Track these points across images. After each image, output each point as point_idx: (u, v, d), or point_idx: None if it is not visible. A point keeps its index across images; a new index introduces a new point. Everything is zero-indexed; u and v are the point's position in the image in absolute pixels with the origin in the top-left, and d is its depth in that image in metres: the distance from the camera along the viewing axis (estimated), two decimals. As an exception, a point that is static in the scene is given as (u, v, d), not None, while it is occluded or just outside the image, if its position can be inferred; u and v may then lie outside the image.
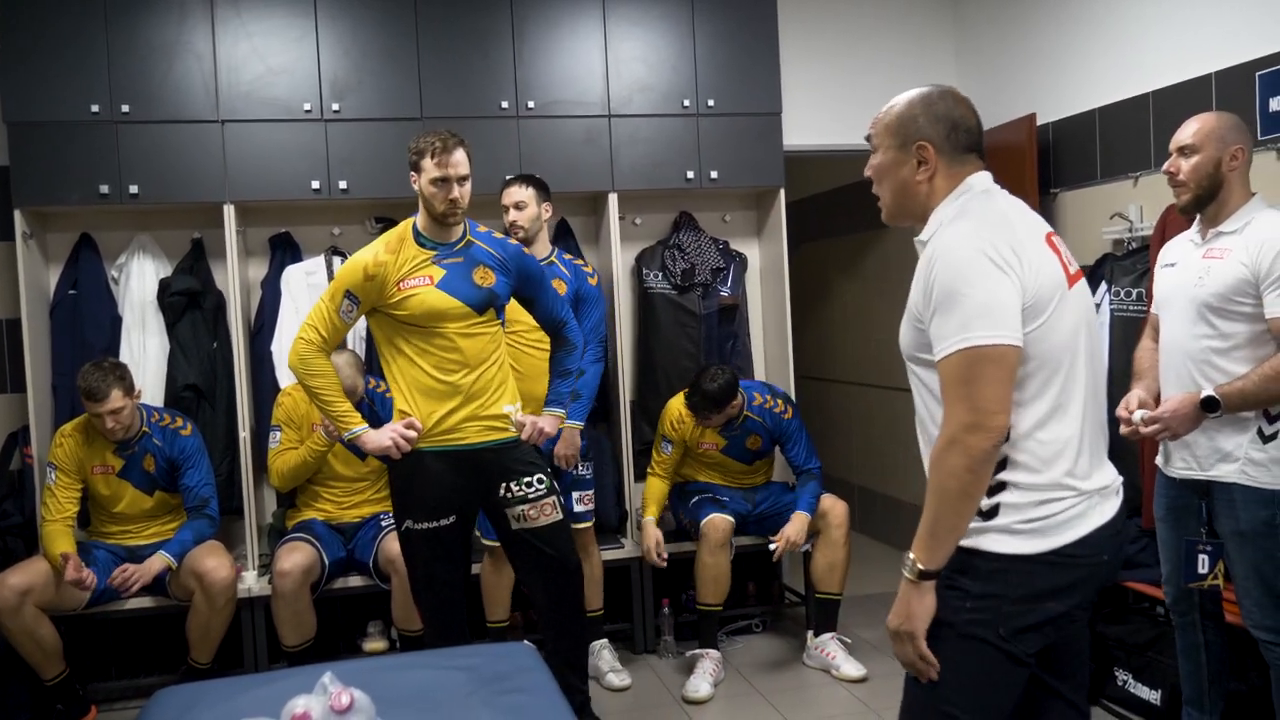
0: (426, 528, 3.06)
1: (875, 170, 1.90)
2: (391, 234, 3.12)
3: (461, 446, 3.06)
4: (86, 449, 3.69)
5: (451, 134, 3.03)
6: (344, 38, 4.09)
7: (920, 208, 1.85)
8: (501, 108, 4.20)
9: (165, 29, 3.96)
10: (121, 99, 3.92)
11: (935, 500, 1.67)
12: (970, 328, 1.64)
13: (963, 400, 1.63)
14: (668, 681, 3.93)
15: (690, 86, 4.37)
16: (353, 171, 4.10)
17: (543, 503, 3.11)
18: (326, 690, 1.75)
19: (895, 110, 1.86)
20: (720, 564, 3.92)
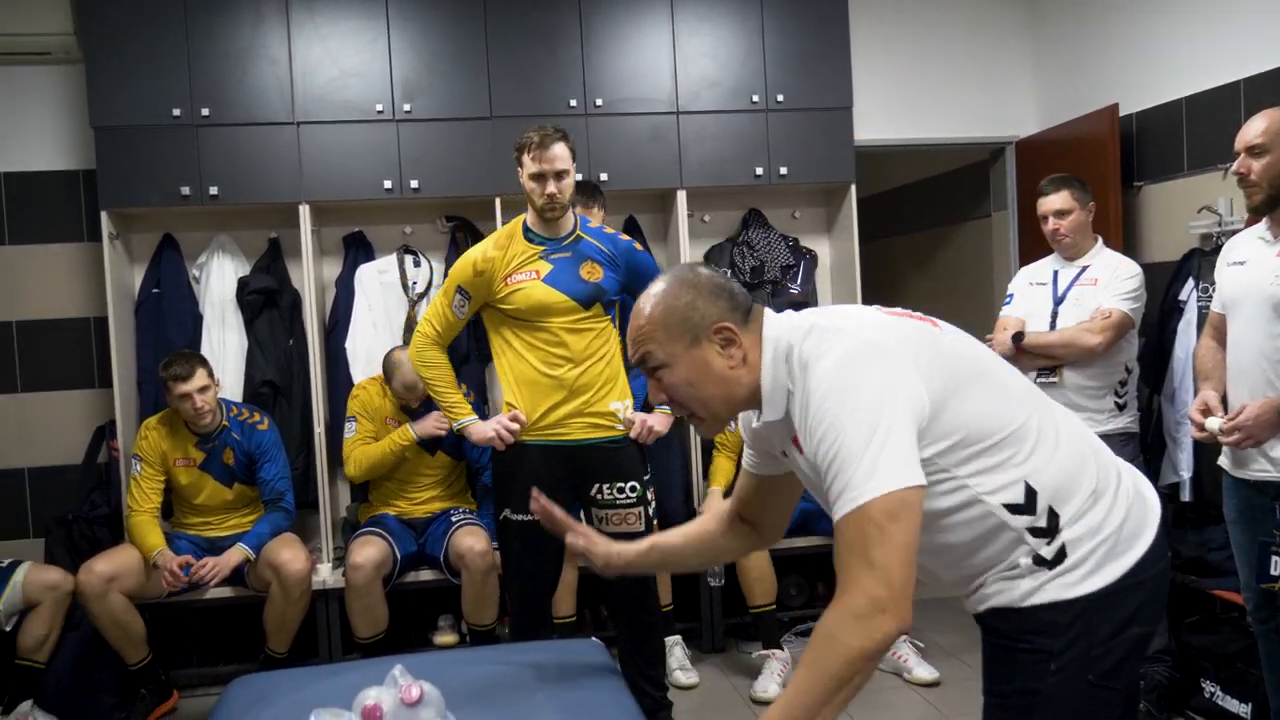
0: (522, 519, 3.08)
1: (676, 386, 1.61)
2: (502, 230, 3.20)
3: (564, 442, 3.09)
4: (170, 441, 3.80)
5: (554, 129, 3.07)
6: (415, 39, 4.14)
7: (748, 393, 1.61)
8: (570, 106, 4.21)
9: (241, 34, 4.05)
10: (201, 103, 4.02)
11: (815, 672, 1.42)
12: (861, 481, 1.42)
13: (867, 570, 1.40)
14: (735, 682, 3.91)
15: (759, 82, 4.34)
16: (424, 171, 4.15)
17: (628, 512, 3.12)
18: (397, 683, 1.77)
19: (661, 314, 1.59)
20: (757, 564, 3.90)
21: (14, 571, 3.56)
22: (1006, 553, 1.58)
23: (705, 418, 1.66)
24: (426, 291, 4.35)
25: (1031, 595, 1.56)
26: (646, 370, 1.65)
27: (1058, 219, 3.58)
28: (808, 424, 1.50)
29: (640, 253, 3.25)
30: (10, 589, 3.52)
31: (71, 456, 4.22)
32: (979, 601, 1.64)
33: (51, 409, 4.27)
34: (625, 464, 3.13)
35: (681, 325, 1.59)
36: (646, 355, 1.62)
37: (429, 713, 1.77)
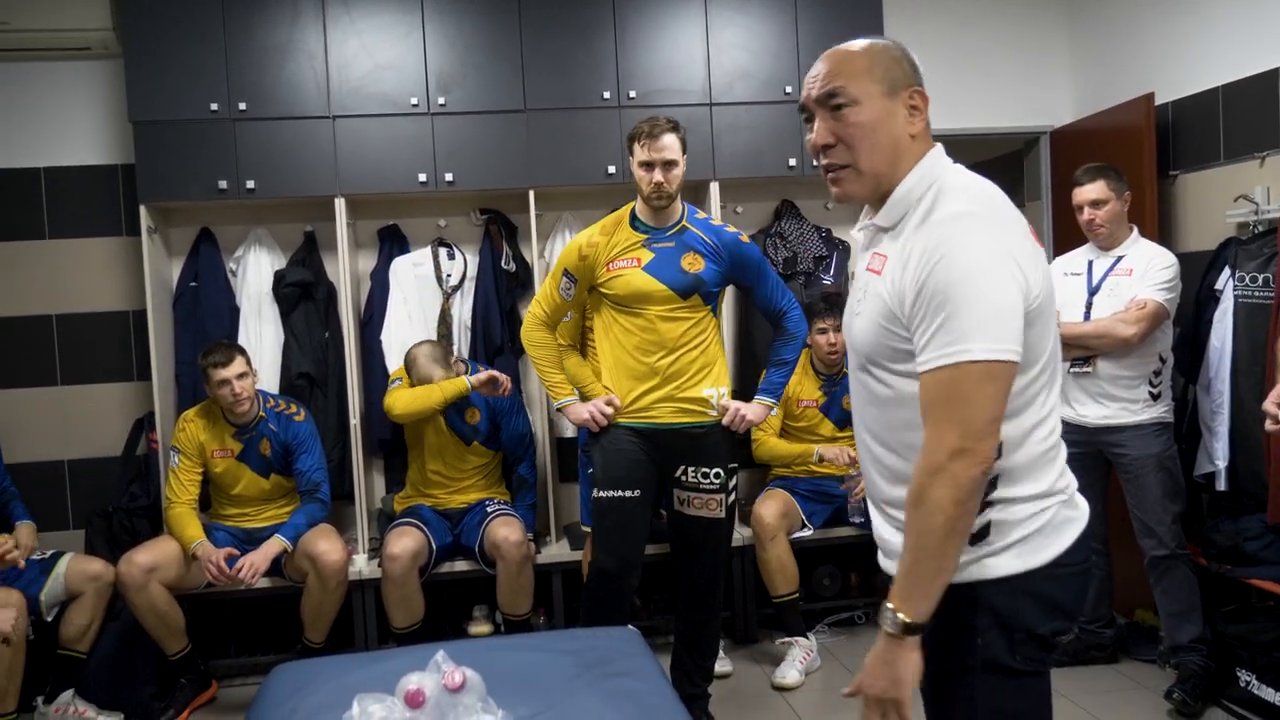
0: (610, 496, 3.16)
1: (857, 126, 1.55)
2: (611, 216, 3.27)
3: (654, 425, 3.15)
4: (208, 433, 3.85)
5: (666, 120, 3.12)
6: (449, 32, 4.16)
7: (891, 173, 1.56)
8: (604, 98, 4.22)
9: (279, 29, 4.08)
10: (239, 97, 4.06)
11: (918, 540, 1.45)
12: (972, 337, 1.41)
13: (953, 421, 1.42)
14: (766, 670, 3.92)
15: (792, 73, 4.33)
16: (459, 164, 4.17)
17: (709, 497, 3.17)
18: (440, 669, 1.80)
19: (863, 53, 1.57)
20: (777, 555, 3.92)
21: (56, 563, 3.62)
22: None
23: (864, 171, 1.57)
24: (461, 284, 4.38)
25: (960, 573, 1.52)
26: (826, 107, 1.57)
27: (1093, 209, 3.56)
28: (921, 252, 1.47)
29: (747, 245, 3.26)
30: (53, 580, 3.57)
31: (111, 449, 4.29)
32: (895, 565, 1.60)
33: (91, 402, 4.34)
34: (711, 450, 3.17)
35: (885, 71, 1.56)
36: (838, 90, 1.56)
37: (471, 698, 1.79)
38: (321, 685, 2.10)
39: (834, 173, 1.60)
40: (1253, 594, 3.50)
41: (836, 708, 3.62)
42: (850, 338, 1.66)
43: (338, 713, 1.87)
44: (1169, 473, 3.52)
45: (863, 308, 1.60)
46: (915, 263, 1.48)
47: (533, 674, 2.08)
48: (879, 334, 1.55)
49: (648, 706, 1.97)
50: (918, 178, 1.56)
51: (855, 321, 1.62)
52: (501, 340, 4.34)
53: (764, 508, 3.98)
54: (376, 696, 1.80)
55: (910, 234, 1.52)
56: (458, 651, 1.93)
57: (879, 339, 1.55)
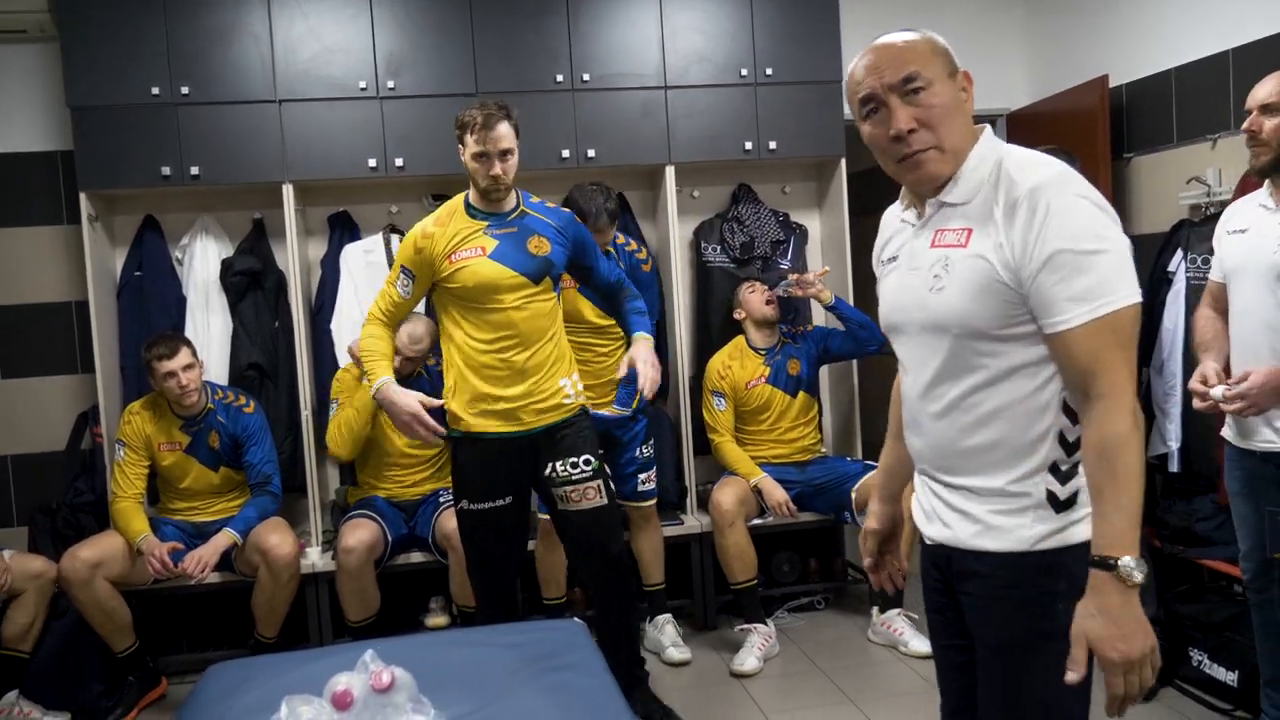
0: (480, 509, 3.08)
1: (936, 109, 1.58)
2: (444, 207, 3.12)
3: (517, 433, 3.04)
4: (154, 425, 3.76)
5: (497, 106, 2.97)
6: (398, 14, 4.08)
7: (956, 153, 1.60)
8: (557, 81, 4.15)
9: (223, 9, 3.98)
10: (181, 81, 3.95)
11: (1125, 484, 1.44)
12: (1117, 286, 1.46)
13: (1124, 364, 1.46)
14: (725, 657, 3.90)
15: (748, 55, 4.28)
16: (409, 149, 4.09)
17: (586, 486, 3.08)
18: (368, 668, 1.75)
19: (924, 40, 1.62)
20: (735, 542, 3.90)
21: None
22: (1026, 458, 1.58)
23: (948, 149, 1.60)
24: (413, 271, 4.30)
25: (1041, 540, 1.56)
26: (901, 93, 1.59)
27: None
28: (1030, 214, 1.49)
29: (581, 224, 3.22)
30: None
31: (54, 443, 4.19)
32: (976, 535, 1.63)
33: (33, 395, 4.23)
34: (575, 441, 3.10)
35: (945, 55, 1.61)
36: (914, 74, 1.58)
37: (400, 698, 1.75)
38: (254, 686, 2.05)
39: (918, 155, 1.61)
40: (1204, 574, 3.52)
41: (793, 695, 3.60)
42: (929, 313, 1.63)
43: (266, 715, 1.81)
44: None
45: (948, 281, 1.59)
46: (1025, 228, 1.50)
47: (470, 670, 2.04)
48: (982, 304, 1.55)
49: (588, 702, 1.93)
50: (983, 152, 1.61)
51: (939, 297, 1.60)
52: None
53: (721, 494, 3.95)
54: (305, 698, 1.75)
55: (1000, 203, 1.54)
56: (394, 649, 1.89)
57: (982, 309, 1.55)
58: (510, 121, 2.97)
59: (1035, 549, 1.57)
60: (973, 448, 1.63)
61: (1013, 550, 1.59)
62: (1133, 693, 1.46)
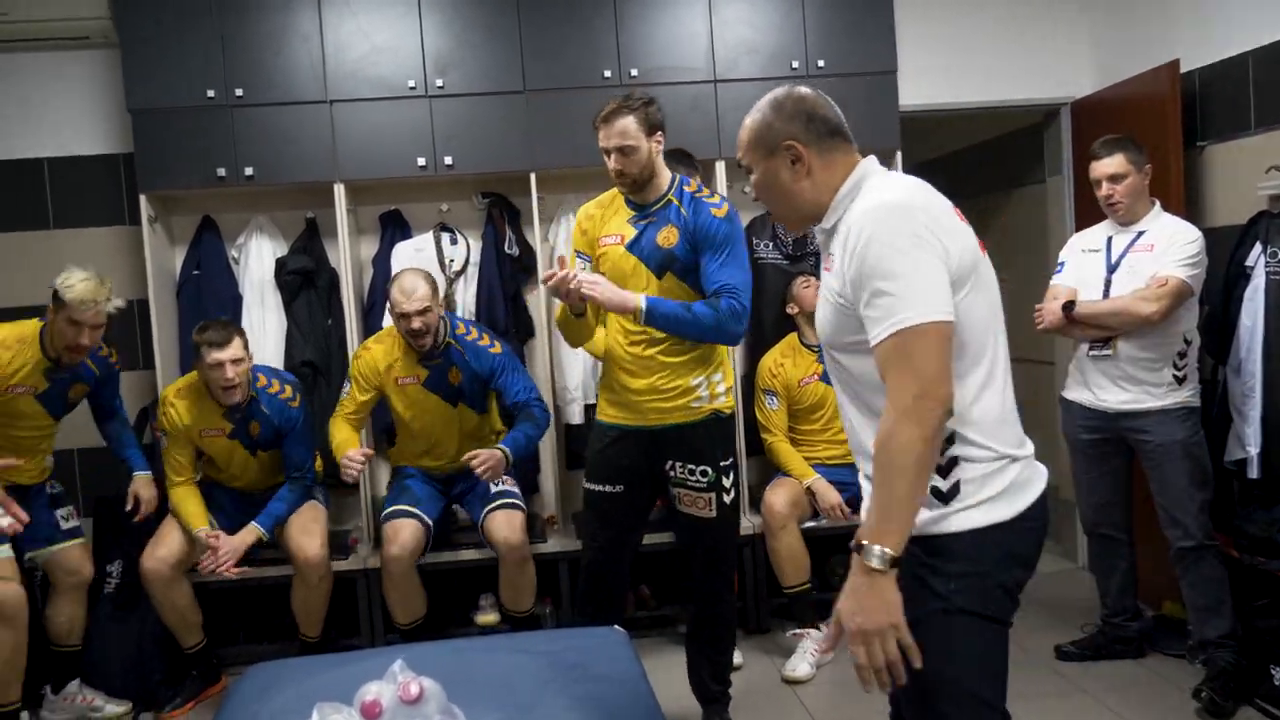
0: (592, 489, 3.12)
1: (758, 188, 1.90)
2: (610, 191, 3.13)
3: (636, 426, 3.02)
4: (194, 413, 3.71)
5: (623, 101, 2.93)
6: (446, 12, 4.08)
7: (812, 206, 1.85)
8: (604, 77, 4.12)
9: (274, 12, 4.02)
10: (235, 83, 4.00)
11: (891, 479, 1.63)
12: (904, 308, 1.63)
13: (907, 374, 1.63)
14: (777, 662, 3.83)
15: (799, 47, 4.20)
16: (458, 147, 4.09)
17: (698, 495, 3.03)
18: (396, 679, 1.73)
19: (748, 127, 1.89)
20: (787, 545, 3.82)
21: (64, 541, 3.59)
22: None
23: (779, 216, 1.94)
24: (464, 269, 4.31)
25: (925, 526, 1.71)
26: (746, 173, 1.92)
27: (1111, 184, 3.41)
28: (850, 246, 1.71)
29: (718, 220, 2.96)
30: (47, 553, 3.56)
31: (117, 437, 4.27)
32: None
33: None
34: (699, 445, 3.01)
35: (759, 139, 1.86)
36: (740, 161, 1.92)
37: (429, 708, 1.73)
38: (286, 689, 2.05)
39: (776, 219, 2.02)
40: (1286, 587, 3.36)
41: (847, 702, 3.52)
42: (818, 331, 1.92)
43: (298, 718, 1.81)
44: (1195, 460, 3.37)
45: (820, 303, 1.88)
46: (847, 253, 1.72)
47: (502, 679, 2.01)
48: (835, 320, 1.80)
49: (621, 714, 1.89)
50: (848, 187, 1.82)
51: (818, 314, 1.90)
52: (505, 325, 4.27)
53: (774, 496, 3.88)
54: (335, 706, 1.74)
55: (842, 231, 1.77)
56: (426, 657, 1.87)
57: (836, 324, 1.80)
58: (634, 115, 2.90)
59: (921, 534, 1.70)
60: (862, 445, 1.83)
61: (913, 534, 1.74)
62: (874, 663, 1.63)
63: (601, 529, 3.15)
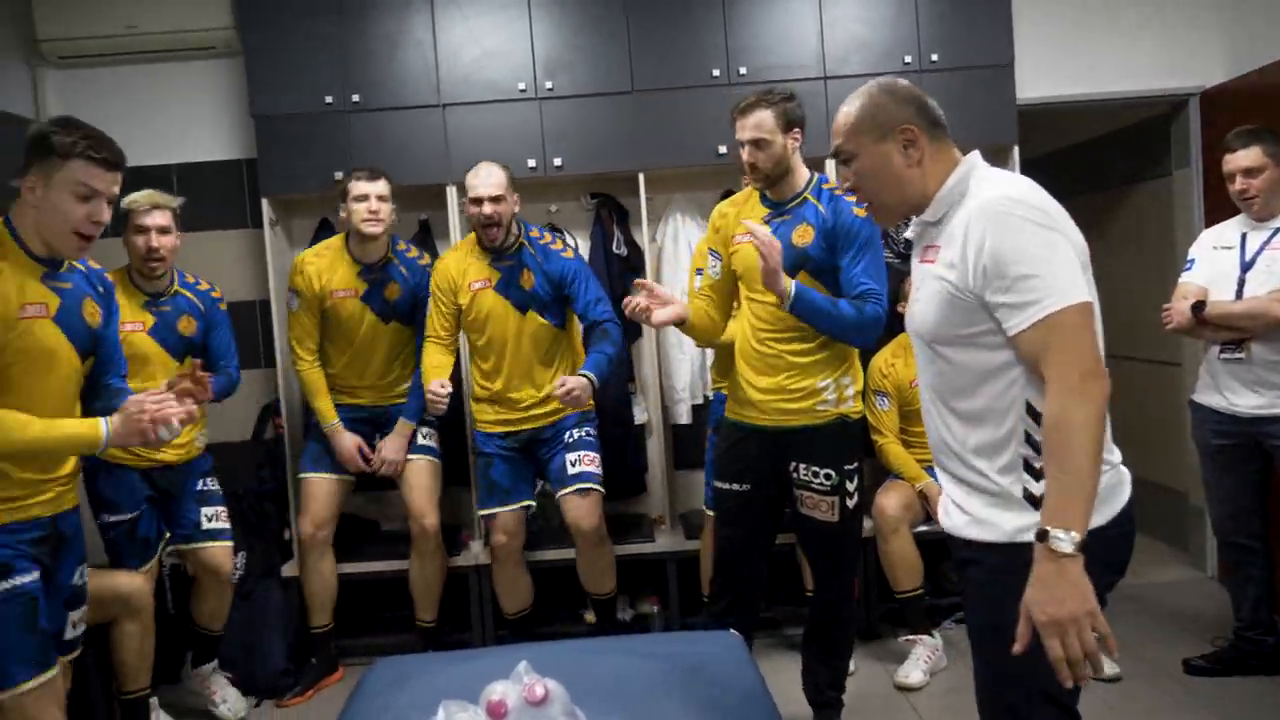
0: (720, 487, 3.12)
1: (861, 174, 1.86)
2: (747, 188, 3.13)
3: (761, 426, 3.01)
4: (330, 272, 3.76)
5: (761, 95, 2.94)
6: (555, 15, 4.12)
7: (919, 196, 1.84)
8: (713, 76, 4.10)
9: (390, 19, 4.11)
10: (352, 89, 4.11)
11: (1070, 459, 1.60)
12: (1052, 292, 1.63)
13: (1069, 355, 1.62)
14: (888, 668, 3.77)
15: (912, 41, 4.12)
16: (567, 148, 4.13)
17: (820, 499, 2.99)
18: (522, 679, 1.76)
19: (856, 110, 1.85)
20: (899, 549, 3.76)
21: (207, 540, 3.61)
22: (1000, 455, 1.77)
23: (879, 206, 1.90)
24: (572, 269, 4.33)
25: (1021, 533, 1.71)
26: (840, 161, 1.90)
27: (1247, 178, 3.26)
28: (975, 237, 1.70)
29: (859, 220, 2.91)
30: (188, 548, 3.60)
31: (241, 433, 4.43)
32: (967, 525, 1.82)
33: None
34: (824, 451, 2.98)
35: (873, 122, 1.83)
36: (839, 148, 1.88)
37: (554, 710, 1.75)
38: (413, 684, 2.10)
39: (870, 210, 1.95)
40: None
41: (962, 711, 3.44)
42: (913, 324, 1.89)
43: (425, 714, 1.85)
44: (1334, 467, 3.21)
45: (921, 294, 1.84)
46: (970, 245, 1.71)
47: (622, 681, 2.02)
48: (942, 313, 1.77)
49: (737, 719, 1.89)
50: (960, 175, 1.82)
51: (916, 308, 1.86)
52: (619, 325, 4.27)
53: (886, 499, 3.82)
54: (461, 704, 1.77)
55: (958, 223, 1.76)
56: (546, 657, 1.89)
57: (944, 316, 1.77)
58: (772, 109, 2.89)
59: (1016, 540, 1.71)
60: (959, 445, 1.82)
61: (996, 541, 1.77)
62: (1072, 655, 1.58)
63: (728, 527, 3.14)
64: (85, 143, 2.27)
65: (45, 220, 2.30)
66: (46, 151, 2.27)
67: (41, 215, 2.30)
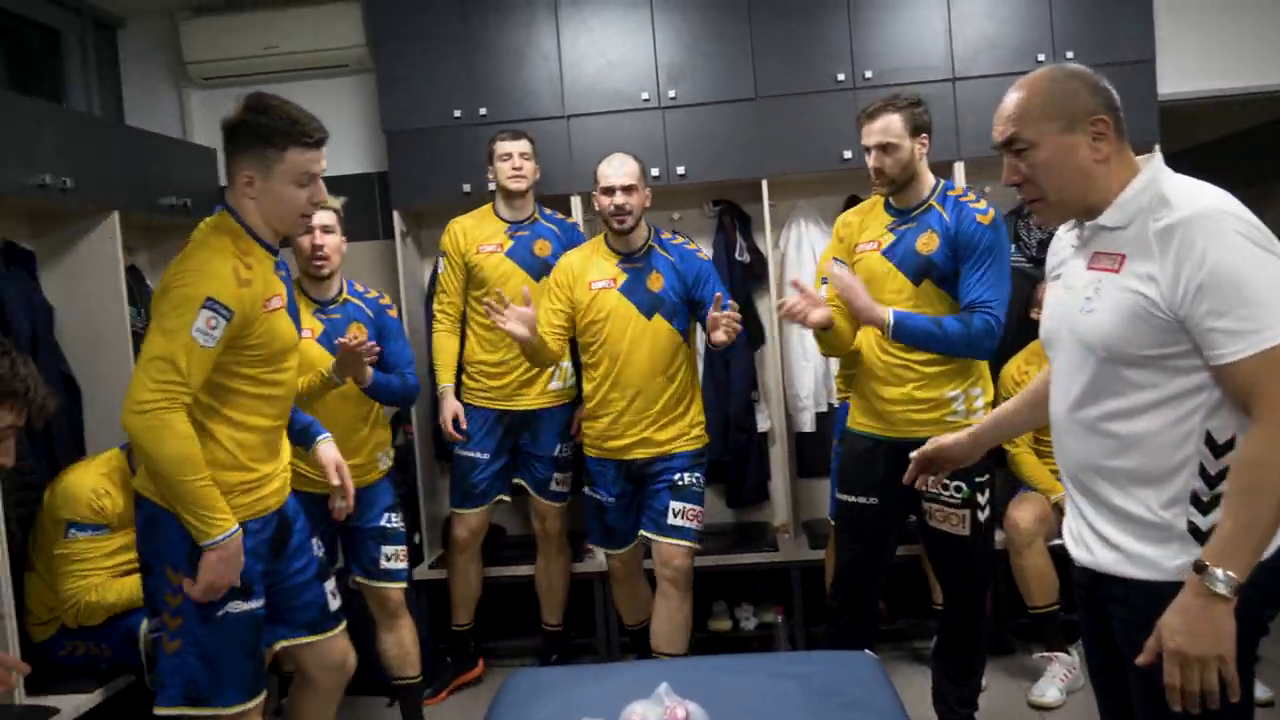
0: (845, 500, 3.08)
1: (1039, 166, 1.68)
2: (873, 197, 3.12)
3: (890, 437, 2.97)
4: (476, 230, 3.86)
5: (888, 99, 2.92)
6: (677, 23, 4.13)
7: (1100, 195, 1.67)
8: (838, 80, 4.05)
9: (515, 33, 4.18)
10: (479, 103, 4.19)
11: (1254, 501, 1.51)
12: (1275, 321, 1.50)
13: None
14: (1022, 684, 3.67)
15: (1045, 39, 3.99)
16: (690, 156, 4.14)
17: (950, 511, 2.94)
18: (663, 702, 1.77)
19: (1039, 94, 1.68)
20: (1034, 563, 3.64)
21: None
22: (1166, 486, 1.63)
23: (1054, 203, 1.72)
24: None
25: (1184, 572, 1.57)
26: (1010, 150, 1.72)
27: None
28: (1183, 250, 1.56)
29: (982, 226, 2.87)
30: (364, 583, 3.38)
31: (374, 439, 4.55)
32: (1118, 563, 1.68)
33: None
34: None
35: (1060, 109, 1.66)
36: (1014, 136, 1.70)
37: (694, 732, 1.75)
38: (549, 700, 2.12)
39: (1035, 205, 1.76)
40: None
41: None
42: (1078, 334, 1.70)
43: (565, 731, 1.88)
44: None
45: (1098, 304, 1.66)
46: (1188, 259, 1.55)
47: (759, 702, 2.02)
48: (1129, 328, 1.61)
49: (880, 745, 1.86)
50: (1145, 180, 1.66)
51: (1089, 318, 1.67)
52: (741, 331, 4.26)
53: (1019, 511, 3.71)
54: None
55: (1159, 231, 1.59)
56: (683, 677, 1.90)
57: (1133, 332, 1.61)
58: (900, 114, 2.87)
59: (1179, 580, 1.58)
60: (1113, 470, 1.67)
61: (1156, 580, 1.64)
62: (1188, 688, 1.51)
63: (853, 542, 3.10)
64: (295, 128, 2.24)
65: (269, 209, 2.28)
66: (258, 142, 2.23)
67: (263, 205, 2.28)
